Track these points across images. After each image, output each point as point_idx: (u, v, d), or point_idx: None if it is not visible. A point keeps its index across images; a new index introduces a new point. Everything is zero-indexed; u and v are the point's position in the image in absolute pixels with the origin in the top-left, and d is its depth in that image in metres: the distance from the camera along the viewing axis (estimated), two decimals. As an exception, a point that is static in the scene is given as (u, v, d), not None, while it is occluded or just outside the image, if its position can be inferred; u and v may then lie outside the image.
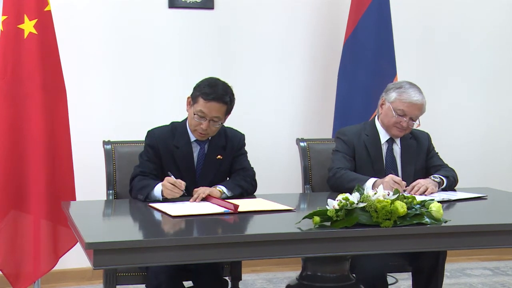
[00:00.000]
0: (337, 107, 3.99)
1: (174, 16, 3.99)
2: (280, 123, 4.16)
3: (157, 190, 2.65)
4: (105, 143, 3.07)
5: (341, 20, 4.06)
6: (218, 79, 2.79)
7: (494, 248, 2.43)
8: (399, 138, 3.08)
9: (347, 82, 3.95)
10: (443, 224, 2.24)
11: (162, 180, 2.72)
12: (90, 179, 3.64)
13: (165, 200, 2.63)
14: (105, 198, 2.98)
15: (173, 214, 2.35)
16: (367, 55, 3.91)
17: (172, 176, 2.63)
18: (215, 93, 2.71)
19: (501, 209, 2.77)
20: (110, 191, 2.99)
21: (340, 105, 3.97)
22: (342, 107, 3.96)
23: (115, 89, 3.93)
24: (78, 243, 2.59)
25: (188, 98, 2.80)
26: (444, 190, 2.96)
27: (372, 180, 2.85)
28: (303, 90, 4.20)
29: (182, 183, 2.60)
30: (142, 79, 3.97)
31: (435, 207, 2.25)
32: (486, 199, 2.86)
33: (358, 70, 3.92)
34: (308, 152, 3.31)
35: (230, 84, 2.79)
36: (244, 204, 2.50)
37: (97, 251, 1.95)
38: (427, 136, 3.19)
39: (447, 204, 2.70)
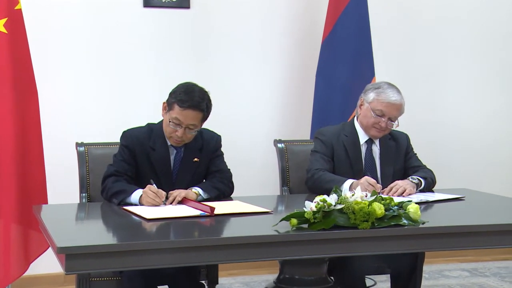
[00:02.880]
0: (315, 107, 4.01)
1: (149, 15, 3.97)
2: (257, 124, 4.17)
3: (135, 196, 2.63)
4: (78, 145, 3.05)
5: (319, 19, 4.09)
6: (195, 85, 2.78)
7: (472, 249, 2.47)
8: (378, 139, 3.11)
9: (325, 82, 3.98)
10: (421, 226, 2.27)
11: (136, 183, 2.72)
12: (62, 182, 3.61)
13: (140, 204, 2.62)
14: (78, 201, 2.96)
15: (148, 217, 2.35)
16: (346, 54, 3.93)
17: (155, 185, 2.62)
18: (191, 100, 2.70)
19: (478, 210, 2.81)
20: (84, 194, 2.97)
21: (318, 106, 3.99)
22: (320, 107, 3.98)
23: (88, 90, 3.90)
24: (49, 247, 2.56)
25: (164, 103, 2.79)
26: (422, 191, 3.00)
27: (349, 182, 2.87)
28: (281, 90, 4.22)
29: (163, 194, 2.59)
30: (117, 80, 3.94)
31: (412, 209, 2.27)
32: (463, 200, 2.90)
33: (336, 70, 3.94)
34: (286, 153, 3.32)
35: (207, 89, 2.78)
36: (221, 207, 2.50)
37: (69, 255, 1.93)
38: (406, 137, 3.22)
39: (425, 205, 2.73)
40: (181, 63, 4.01)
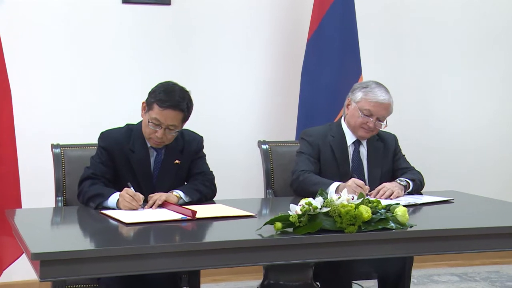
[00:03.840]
0: (301, 107, 4.02)
1: (128, 12, 3.95)
2: (241, 124, 4.17)
3: (112, 200, 2.62)
4: (53, 146, 3.03)
5: (305, 17, 4.10)
6: (175, 84, 2.78)
7: (461, 253, 2.49)
8: (365, 140, 3.13)
9: (310, 81, 3.99)
10: (409, 229, 2.28)
11: (115, 186, 2.71)
12: (37, 185, 3.59)
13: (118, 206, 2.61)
14: (54, 205, 2.94)
15: (127, 221, 2.34)
16: (332, 53, 3.95)
17: (132, 188, 2.61)
18: (171, 100, 2.69)
19: (468, 213, 2.84)
20: (59, 198, 2.95)
21: (303, 106, 4.01)
22: (306, 107, 3.99)
23: (65, 89, 3.88)
24: (23, 253, 2.54)
25: (143, 103, 2.79)
26: (410, 193, 3.02)
27: (335, 184, 2.89)
28: (265, 90, 4.22)
29: (141, 197, 2.58)
30: (94, 79, 3.93)
31: (400, 212, 2.29)
32: (452, 202, 2.93)
33: (322, 69, 3.95)
34: (270, 155, 3.33)
35: (188, 89, 2.78)
36: (203, 210, 2.50)
37: (44, 262, 1.92)
38: (394, 138, 3.25)
39: (413, 208, 2.75)
40: (161, 62, 4.00)
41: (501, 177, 4.65)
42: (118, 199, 2.59)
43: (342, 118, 3.18)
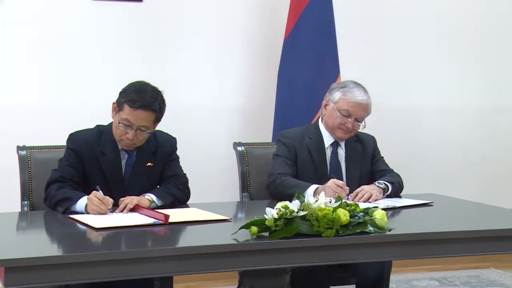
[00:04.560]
0: (277, 108, 4.03)
1: (98, 9, 3.92)
2: (215, 125, 4.17)
3: (80, 204, 2.59)
4: (19, 148, 3.00)
5: (282, 16, 4.11)
6: (147, 84, 2.77)
7: (441, 257, 2.51)
8: (344, 142, 3.15)
9: (287, 82, 4.00)
10: (387, 233, 2.30)
11: (84, 190, 2.69)
12: (1, 189, 3.55)
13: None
14: (19, 210, 2.91)
15: (96, 226, 2.32)
16: (309, 53, 3.97)
17: (101, 191, 2.59)
18: (142, 100, 2.68)
19: (447, 216, 2.87)
20: (25, 202, 2.92)
21: (280, 107, 4.02)
22: (283, 108, 4.00)
23: (31, 88, 3.84)
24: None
25: (114, 104, 2.77)
26: (389, 196, 3.05)
27: (313, 187, 2.90)
28: (241, 90, 4.23)
29: (110, 201, 2.57)
30: (63, 78, 3.89)
31: (379, 215, 2.31)
32: (432, 205, 2.96)
33: (299, 69, 3.97)
34: (246, 157, 3.33)
35: (160, 88, 2.77)
36: (176, 214, 2.50)
37: (8, 268, 1.90)
38: (372, 139, 3.27)
39: (392, 211, 2.77)
40: (132, 61, 3.97)
41: (481, 179, 4.71)
42: (86, 203, 2.57)
43: (320, 119, 3.20)
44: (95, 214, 2.53)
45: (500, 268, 4.60)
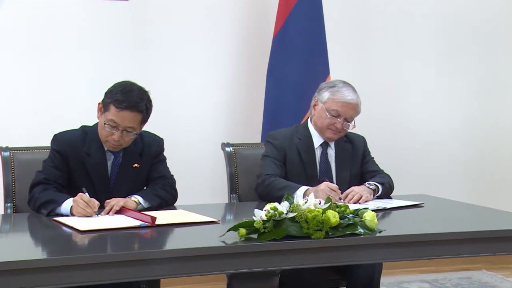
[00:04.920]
0: (266, 108, 4.03)
1: (82, 7, 3.91)
2: (203, 125, 4.17)
3: (65, 206, 2.59)
4: (2, 149, 2.98)
5: (271, 13, 4.12)
6: (133, 84, 2.76)
7: (432, 259, 2.53)
8: (333, 142, 3.15)
9: (276, 81, 4.01)
10: (378, 235, 2.31)
11: (69, 192, 2.68)
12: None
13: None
14: (3, 212, 2.90)
15: (82, 228, 2.32)
16: (298, 51, 3.97)
17: (87, 193, 2.58)
18: (128, 100, 2.68)
19: (438, 217, 2.89)
20: (9, 204, 2.91)
21: (269, 107, 4.02)
22: (272, 108, 4.01)
23: (15, 88, 3.82)
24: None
25: (99, 104, 2.77)
26: (379, 197, 3.06)
27: (303, 188, 2.90)
28: (229, 89, 4.22)
29: (96, 203, 2.56)
30: (47, 78, 3.87)
31: (369, 216, 2.32)
32: (422, 207, 2.97)
33: (288, 68, 3.97)
34: (235, 157, 3.33)
35: (147, 88, 2.77)
36: (163, 216, 2.50)
37: (-8, 272, 1.89)
38: (362, 140, 3.28)
39: (382, 212, 2.78)
40: (118, 60, 3.96)
41: (472, 180, 4.74)
42: (72, 205, 2.56)
43: (309, 119, 3.20)
44: (81, 217, 2.52)
45: (492, 270, 4.62)
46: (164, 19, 4.07)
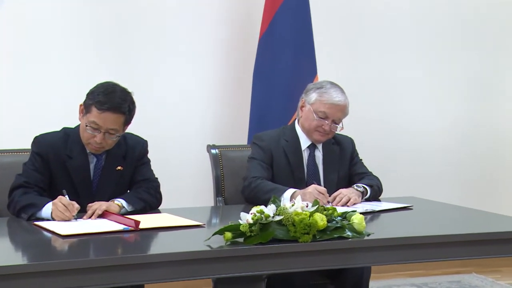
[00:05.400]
0: (253, 109, 4.04)
1: (65, 4, 3.89)
2: (188, 127, 4.16)
3: (46, 211, 2.57)
4: (-19, 151, 2.96)
5: (257, 13, 4.12)
6: (116, 85, 2.75)
7: (421, 262, 2.54)
8: (321, 144, 3.16)
9: (263, 82, 4.01)
10: (366, 238, 2.32)
11: (50, 195, 2.67)
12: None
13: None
14: (-19, 216, 2.87)
15: (63, 233, 2.31)
16: (285, 52, 3.98)
17: (67, 196, 2.57)
18: (111, 102, 2.67)
19: (427, 220, 2.90)
20: (-12, 208, 2.88)
21: (255, 108, 4.02)
22: (258, 109, 4.01)
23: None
24: None
25: (81, 105, 2.76)
26: (367, 200, 3.07)
27: (291, 191, 2.91)
28: (214, 90, 4.22)
29: (76, 206, 2.54)
30: (27, 78, 3.85)
31: (357, 219, 2.32)
32: (412, 209, 2.99)
33: (275, 68, 3.98)
34: (220, 160, 3.33)
35: (130, 89, 2.76)
36: (147, 220, 2.49)
37: (-30, 278, 1.88)
38: (350, 142, 3.29)
39: (371, 215, 2.79)
40: (101, 60, 3.94)
41: (461, 182, 4.76)
42: (52, 209, 2.55)
43: (296, 120, 3.21)
44: (61, 221, 2.50)
45: (482, 273, 4.65)
46: (148, 19, 4.06)
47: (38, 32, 3.86)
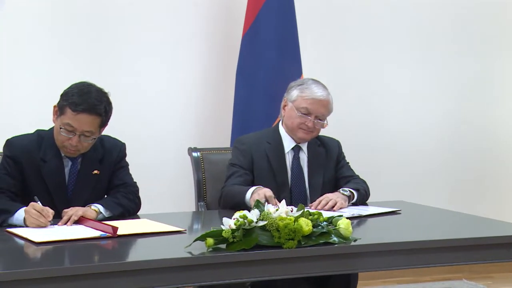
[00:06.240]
0: (236, 111, 4.04)
1: (39, 5, 3.86)
2: (168, 129, 4.15)
3: (18, 217, 2.56)
4: (-49, 155, 2.93)
5: (240, 11, 4.12)
6: (91, 85, 2.75)
7: (410, 268, 2.55)
8: (306, 146, 3.17)
9: (246, 82, 4.01)
10: (353, 243, 2.32)
11: (23, 201, 2.65)
12: None
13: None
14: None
15: (37, 240, 2.29)
16: (269, 51, 3.98)
17: (39, 202, 2.56)
18: (86, 103, 2.66)
19: (416, 225, 2.92)
20: (-42, 214, 2.85)
21: (238, 109, 4.02)
22: (241, 111, 4.01)
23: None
24: None
25: (55, 107, 2.75)
26: (354, 204, 3.08)
27: (251, 190, 2.89)
28: (196, 90, 4.21)
29: (49, 212, 2.53)
30: (1, 79, 3.82)
31: (343, 224, 2.33)
32: (400, 213, 3.00)
33: (258, 69, 3.98)
34: (202, 163, 3.34)
35: (106, 90, 2.75)
36: (125, 226, 2.48)
37: None
38: (337, 144, 3.30)
39: (358, 220, 2.80)
40: (76, 60, 3.92)
41: (451, 185, 4.79)
42: (25, 216, 2.53)
43: (280, 122, 3.21)
44: (35, 228, 2.49)
45: (473, 279, 4.68)
46: (125, 14, 4.03)
47: (9, 32, 3.83)
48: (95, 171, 2.82)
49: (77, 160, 2.80)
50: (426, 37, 4.70)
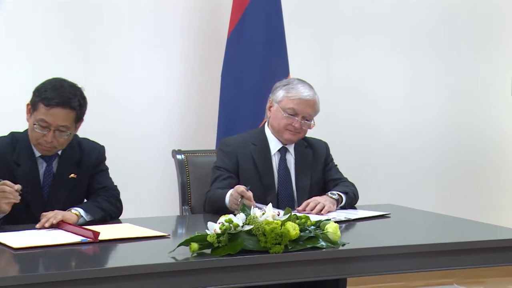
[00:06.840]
0: (221, 112, 4.03)
1: (21, 2, 3.84)
2: (151, 131, 4.13)
3: None
4: None
5: (225, 10, 4.11)
6: (63, 80, 2.75)
7: (401, 273, 2.55)
8: (293, 147, 3.16)
9: (232, 82, 4.00)
10: (341, 248, 2.32)
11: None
12: None
13: (2, 229, 2.52)
14: None
15: (14, 245, 2.28)
16: (256, 51, 3.98)
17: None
18: (59, 96, 2.66)
19: (406, 229, 2.93)
20: None
21: (224, 110, 4.02)
22: (227, 112, 4.01)
23: None
24: None
25: (28, 105, 2.73)
26: (343, 208, 3.08)
27: (229, 194, 2.88)
28: (180, 91, 4.20)
29: (16, 187, 2.52)
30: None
31: (331, 228, 2.33)
32: (389, 217, 3.01)
33: (245, 68, 3.98)
34: (187, 166, 3.33)
35: (80, 85, 2.75)
36: (107, 231, 2.47)
37: None
38: (325, 146, 3.30)
39: (346, 224, 2.81)
40: (55, 60, 3.87)
41: (441, 188, 4.80)
42: None
43: (266, 123, 3.21)
44: (6, 203, 2.49)
45: (464, 284, 4.70)
46: (106, 10, 4.01)
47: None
48: (72, 175, 2.80)
49: (52, 162, 2.78)
50: (415, 37, 4.71)
